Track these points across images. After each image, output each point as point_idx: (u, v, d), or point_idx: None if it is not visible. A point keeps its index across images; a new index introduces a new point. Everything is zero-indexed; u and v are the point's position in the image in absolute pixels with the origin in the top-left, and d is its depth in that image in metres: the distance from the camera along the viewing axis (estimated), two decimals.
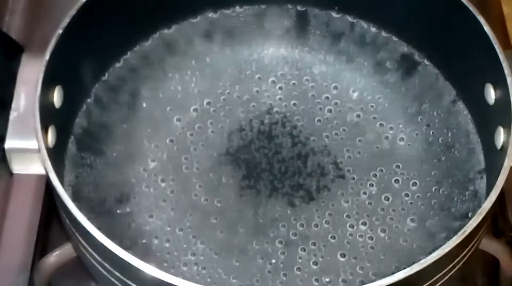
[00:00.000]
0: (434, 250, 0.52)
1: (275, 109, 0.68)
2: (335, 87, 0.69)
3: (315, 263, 0.61)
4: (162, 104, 0.68)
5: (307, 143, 0.67)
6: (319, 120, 0.68)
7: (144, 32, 0.69)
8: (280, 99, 0.69)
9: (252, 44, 0.71)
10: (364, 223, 0.63)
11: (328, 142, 0.67)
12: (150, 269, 0.51)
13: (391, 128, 0.67)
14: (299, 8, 0.71)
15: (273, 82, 0.69)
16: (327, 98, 0.69)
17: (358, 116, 0.68)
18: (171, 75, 0.69)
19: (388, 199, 0.64)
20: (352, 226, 0.63)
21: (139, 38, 0.69)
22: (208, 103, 0.68)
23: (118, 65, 0.68)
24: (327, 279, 0.61)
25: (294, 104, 0.68)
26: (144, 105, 0.68)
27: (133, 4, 0.67)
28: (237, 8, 0.71)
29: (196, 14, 0.70)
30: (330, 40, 0.70)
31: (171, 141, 0.67)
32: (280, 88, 0.69)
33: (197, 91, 0.69)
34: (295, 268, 0.61)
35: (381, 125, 0.67)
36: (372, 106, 0.68)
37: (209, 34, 0.70)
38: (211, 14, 0.71)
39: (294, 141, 0.67)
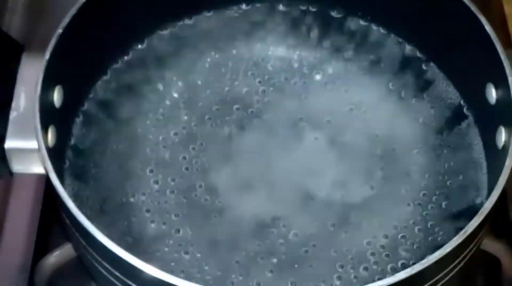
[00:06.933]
0: (434, 250, 0.52)
1: (276, 109, 0.68)
2: (336, 86, 0.69)
3: (317, 263, 0.61)
4: (162, 103, 0.68)
5: (309, 142, 0.67)
6: (320, 120, 0.67)
7: (144, 31, 0.69)
8: (280, 99, 0.69)
9: (253, 43, 0.71)
10: (366, 223, 0.63)
11: (329, 142, 0.67)
12: (150, 269, 0.51)
13: (390, 127, 0.67)
14: (301, 7, 0.71)
15: (274, 81, 0.69)
16: (329, 97, 0.69)
17: (360, 114, 0.68)
18: (172, 74, 0.69)
19: (388, 198, 0.64)
20: (356, 224, 0.63)
21: (139, 38, 0.69)
22: (209, 103, 0.68)
23: (118, 64, 0.69)
24: (329, 280, 0.61)
25: (296, 103, 0.68)
26: (145, 104, 0.68)
27: (133, 3, 0.66)
28: (237, 8, 0.71)
29: (201, 13, 0.71)
30: (331, 40, 0.70)
31: (171, 140, 0.66)
32: (281, 87, 0.69)
33: (198, 90, 0.69)
34: (296, 268, 0.61)
35: (382, 124, 0.67)
36: (372, 105, 0.68)
37: (210, 33, 0.70)
38: (212, 13, 0.71)
39: (295, 141, 0.67)
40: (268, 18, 0.71)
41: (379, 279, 0.55)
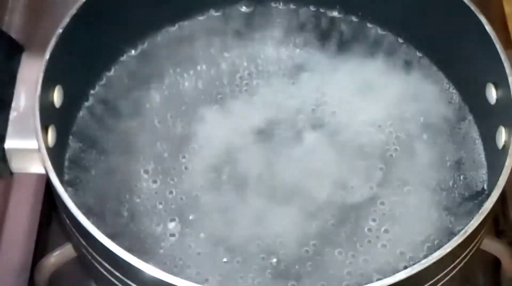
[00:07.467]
0: (435, 250, 0.52)
1: (276, 108, 0.68)
2: (336, 86, 0.69)
3: (317, 263, 0.61)
4: (162, 103, 0.68)
5: (309, 143, 0.67)
6: (321, 120, 0.68)
7: (144, 31, 0.70)
8: (280, 98, 0.69)
9: (253, 43, 0.71)
10: (366, 222, 0.63)
11: (329, 142, 0.67)
12: (150, 269, 0.51)
13: (390, 126, 0.67)
14: (301, 7, 0.71)
15: (274, 81, 0.69)
16: (328, 97, 0.69)
17: (360, 115, 0.68)
18: (172, 74, 0.69)
19: (388, 198, 0.64)
20: (356, 224, 0.63)
21: (139, 38, 0.69)
22: (208, 103, 0.68)
23: (118, 65, 0.69)
24: (329, 280, 0.61)
25: (296, 102, 0.68)
26: (144, 105, 0.68)
27: (133, 3, 0.66)
28: (237, 8, 0.71)
29: (200, 13, 0.71)
30: (331, 39, 0.71)
31: (171, 140, 0.66)
32: (281, 87, 0.69)
33: (197, 90, 0.69)
34: (296, 268, 0.61)
35: (382, 125, 0.67)
36: (372, 106, 0.68)
37: (209, 33, 0.70)
38: (212, 13, 0.71)
39: (295, 140, 0.67)
40: (268, 18, 0.71)
41: (378, 279, 0.55)
